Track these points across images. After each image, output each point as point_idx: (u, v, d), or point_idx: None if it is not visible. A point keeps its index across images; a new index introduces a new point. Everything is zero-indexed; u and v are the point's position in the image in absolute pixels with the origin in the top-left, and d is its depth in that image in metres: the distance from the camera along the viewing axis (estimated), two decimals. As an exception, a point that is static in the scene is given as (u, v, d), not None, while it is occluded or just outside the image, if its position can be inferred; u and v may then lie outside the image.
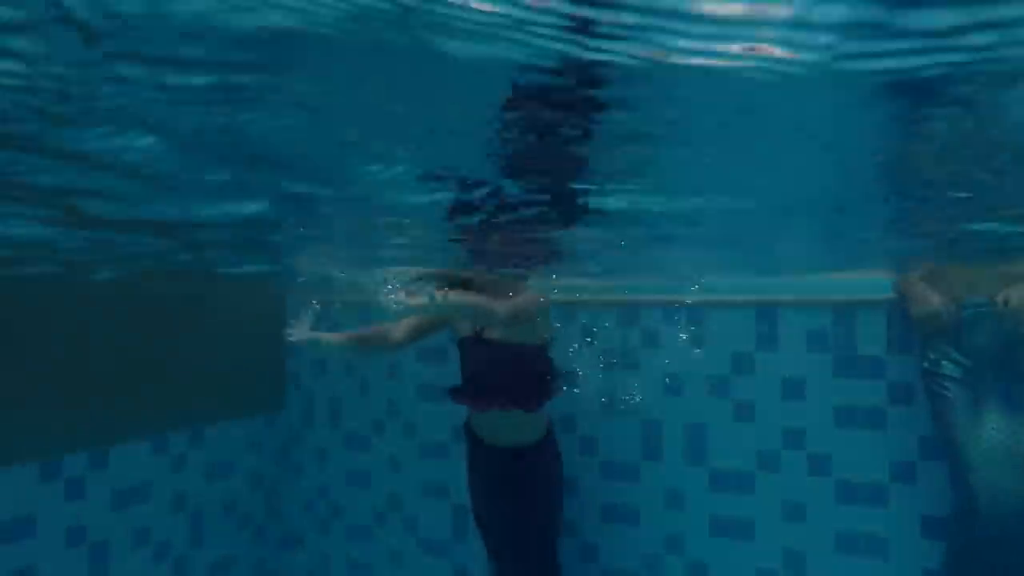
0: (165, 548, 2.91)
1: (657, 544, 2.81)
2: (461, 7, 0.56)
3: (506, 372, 2.48)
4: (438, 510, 3.20)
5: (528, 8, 0.56)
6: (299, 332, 2.60)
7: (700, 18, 0.57)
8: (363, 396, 3.36)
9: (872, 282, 2.55)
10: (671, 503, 2.79)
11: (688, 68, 0.67)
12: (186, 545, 3.00)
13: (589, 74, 0.72)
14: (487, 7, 0.56)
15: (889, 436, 2.49)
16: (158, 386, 2.90)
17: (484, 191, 1.25)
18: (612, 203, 1.34)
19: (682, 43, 0.62)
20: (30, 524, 2.42)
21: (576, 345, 2.94)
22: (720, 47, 0.62)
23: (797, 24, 0.58)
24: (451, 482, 3.17)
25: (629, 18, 0.58)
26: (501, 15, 0.57)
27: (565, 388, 2.74)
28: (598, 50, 0.64)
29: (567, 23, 0.59)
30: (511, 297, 2.43)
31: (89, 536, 2.62)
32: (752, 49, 0.63)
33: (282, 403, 3.54)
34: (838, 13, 0.56)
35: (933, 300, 2.23)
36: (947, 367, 2.25)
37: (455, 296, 2.22)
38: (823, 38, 0.61)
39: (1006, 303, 2.04)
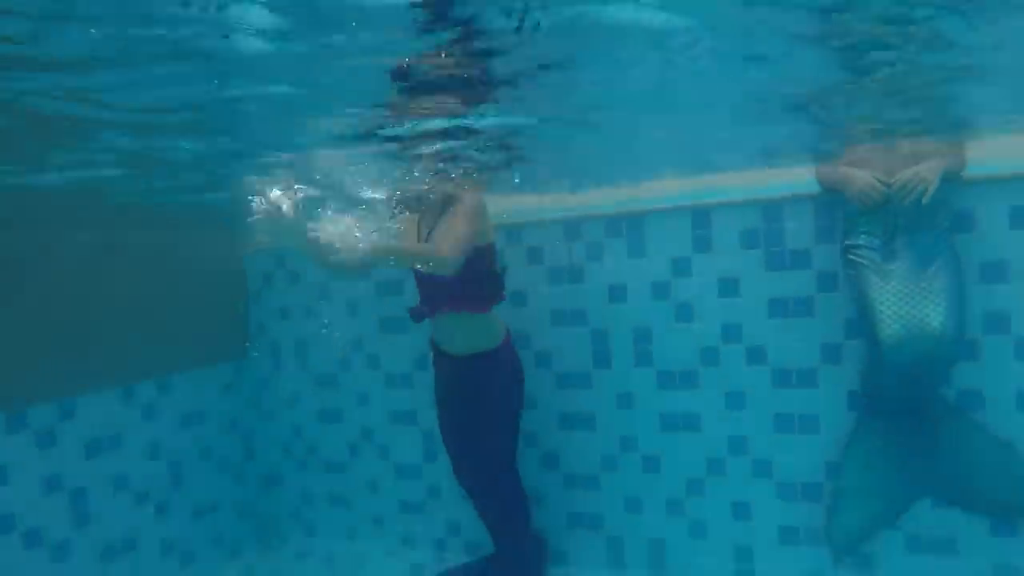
0: (145, 494, 3.03)
1: (613, 445, 2.99)
2: None
3: (442, 279, 2.53)
4: (408, 436, 3.35)
5: None
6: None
7: None
8: (328, 336, 3.46)
9: (796, 183, 2.66)
10: (623, 405, 2.96)
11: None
12: (167, 490, 3.13)
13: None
14: None
15: (817, 322, 2.65)
16: (123, 336, 2.96)
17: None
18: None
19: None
20: (2, 472, 2.52)
21: (524, 264, 3.04)
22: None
23: None
24: (418, 409, 3.31)
25: None
26: None
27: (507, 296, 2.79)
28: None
29: None
30: (451, 221, 2.49)
31: (66, 484, 2.73)
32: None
33: (250, 350, 3.63)
34: None
35: (865, 177, 2.38)
36: (864, 238, 2.43)
37: (389, 245, 2.32)
38: None
39: (915, 177, 2.27)
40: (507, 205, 3.02)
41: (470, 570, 3.00)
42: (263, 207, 2.33)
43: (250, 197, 2.36)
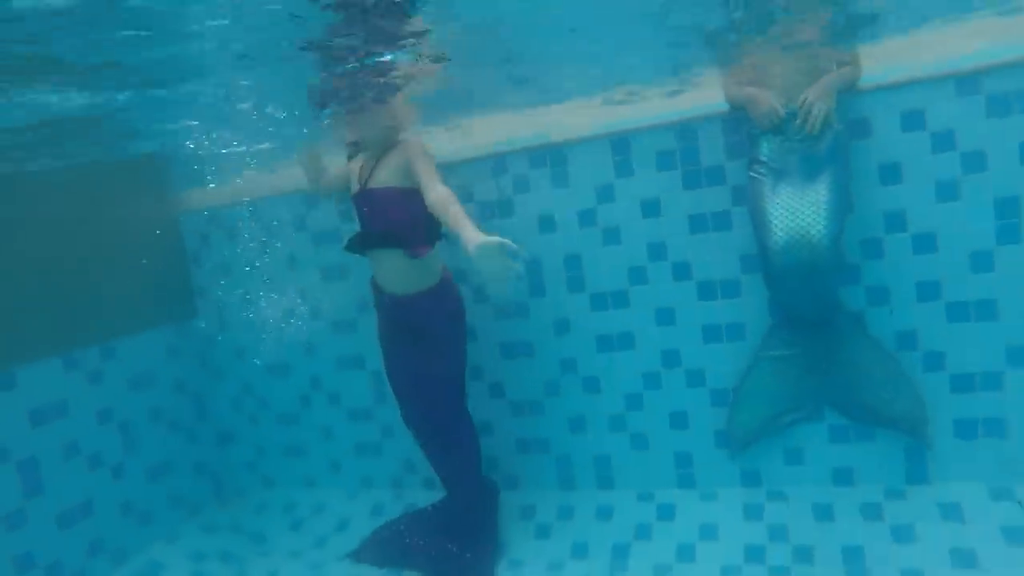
0: (98, 458, 3.08)
1: (554, 370, 3.15)
2: None
3: (394, 217, 2.67)
4: (357, 381, 3.47)
5: None
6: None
7: None
8: (271, 291, 3.52)
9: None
10: (560, 331, 3.11)
11: None
12: (120, 453, 3.18)
13: None
14: None
15: (735, 234, 2.83)
16: (60, 304, 2.97)
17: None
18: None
19: None
20: None
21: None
22: None
23: None
24: (365, 352, 3.41)
25: None
26: None
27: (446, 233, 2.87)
28: None
29: None
30: (416, 164, 2.59)
31: (13, 455, 2.76)
32: None
33: (193, 311, 3.68)
34: None
35: (768, 98, 2.54)
36: (764, 154, 2.60)
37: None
38: None
39: (805, 101, 2.50)
40: (435, 148, 3.11)
41: (423, 517, 3.13)
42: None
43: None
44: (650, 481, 3.06)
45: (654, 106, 2.88)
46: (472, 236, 2.21)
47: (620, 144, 2.90)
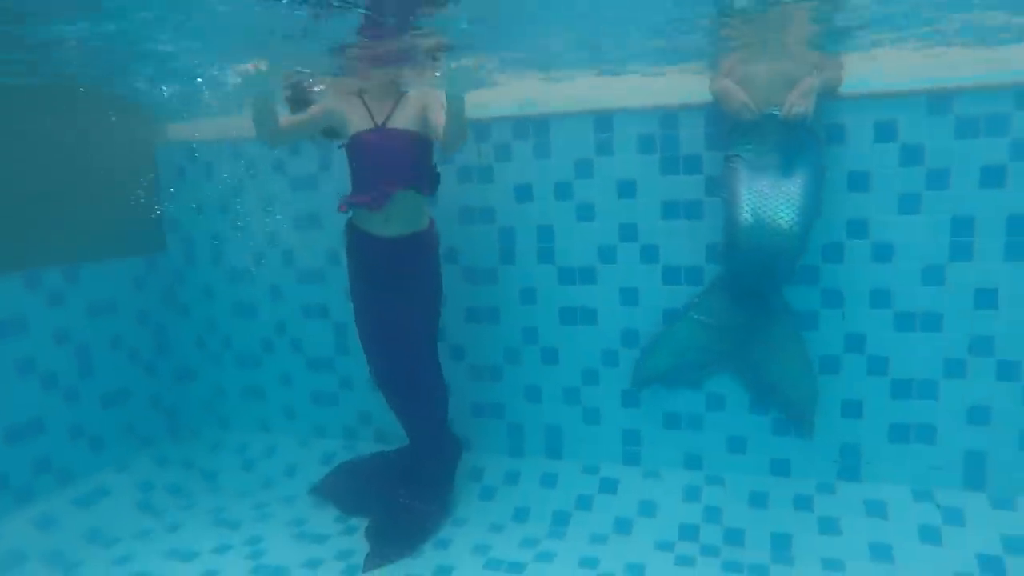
0: (53, 379, 3.10)
1: (515, 337, 3.25)
2: None
3: (406, 157, 2.75)
4: (321, 330, 3.54)
5: None
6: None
7: None
8: (241, 232, 3.56)
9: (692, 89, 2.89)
10: (526, 300, 3.21)
11: None
12: (75, 377, 3.21)
13: None
14: None
15: (705, 224, 2.93)
16: (27, 221, 2.98)
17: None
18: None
19: None
20: None
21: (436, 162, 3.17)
22: None
23: None
24: (330, 303, 3.48)
25: None
26: None
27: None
28: None
29: None
30: (435, 110, 2.70)
31: (-32, 364, 2.79)
32: None
33: (162, 245, 3.70)
34: None
35: (740, 95, 2.65)
36: (742, 149, 2.71)
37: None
38: None
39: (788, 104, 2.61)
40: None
41: (385, 462, 3.24)
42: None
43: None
44: (597, 455, 3.19)
45: (639, 84, 2.95)
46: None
47: (603, 122, 2.98)
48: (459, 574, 2.65)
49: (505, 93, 3.03)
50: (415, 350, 2.88)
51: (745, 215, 2.61)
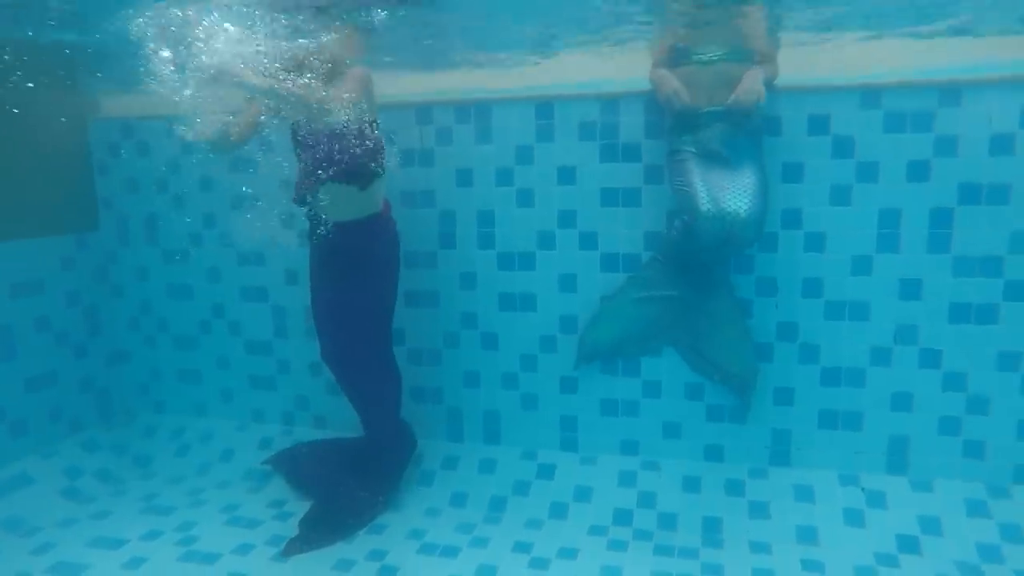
0: (-29, 360, 3.07)
1: (455, 322, 3.31)
2: None
3: (340, 148, 2.68)
4: (259, 313, 3.54)
5: None
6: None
7: None
8: (178, 211, 3.54)
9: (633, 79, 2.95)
10: (465, 285, 3.26)
11: None
12: (-3, 359, 3.19)
13: None
14: None
15: (643, 211, 3.02)
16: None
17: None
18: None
19: None
20: None
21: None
22: None
23: None
24: (269, 286, 3.48)
25: None
26: None
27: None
28: None
29: None
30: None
31: None
32: None
33: (94, 223, 3.64)
34: None
35: (673, 83, 2.72)
36: (687, 145, 2.79)
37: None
38: None
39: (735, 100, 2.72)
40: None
41: (339, 448, 3.27)
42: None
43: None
44: (535, 440, 3.26)
45: (578, 65, 3.02)
46: None
47: (544, 109, 3.03)
48: (393, 558, 2.70)
49: (447, 78, 3.07)
50: (363, 336, 2.91)
51: (706, 205, 2.68)
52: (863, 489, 2.92)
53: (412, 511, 3.05)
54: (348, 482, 3.05)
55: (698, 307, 3.00)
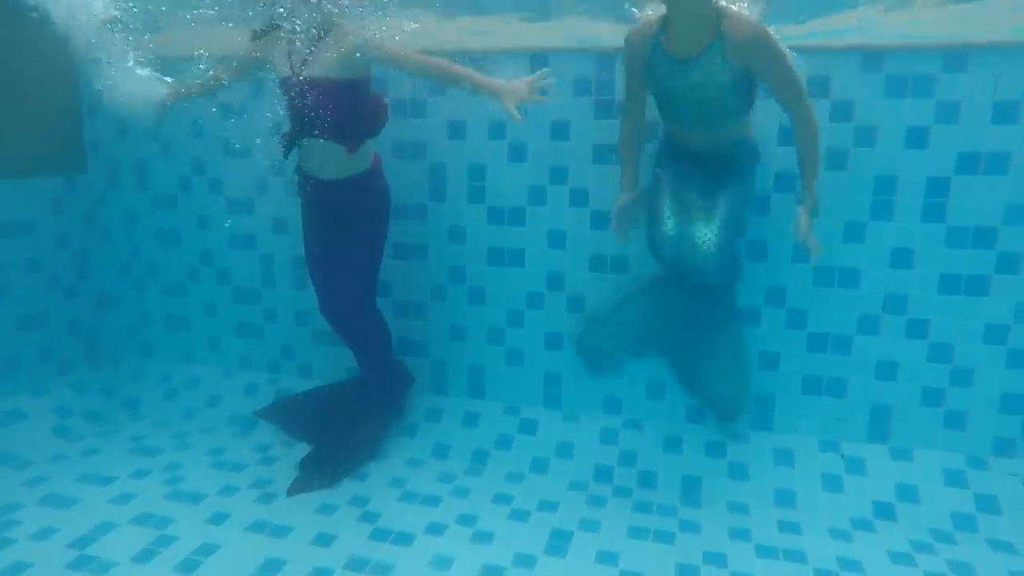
0: (-37, 298, 3.19)
1: (442, 276, 3.39)
2: None
3: (333, 111, 2.73)
4: (247, 261, 3.64)
5: None
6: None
7: None
8: (168, 156, 3.61)
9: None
10: (454, 238, 3.34)
11: None
12: (-12, 298, 3.30)
13: None
14: None
15: (635, 168, 3.08)
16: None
17: None
18: None
19: None
20: None
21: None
22: None
23: None
24: (258, 234, 3.58)
25: None
26: None
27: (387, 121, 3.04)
28: None
29: None
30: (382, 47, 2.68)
31: None
32: None
33: (83, 166, 3.72)
34: None
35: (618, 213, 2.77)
36: (666, 166, 2.81)
37: None
38: None
39: None
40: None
41: (334, 392, 3.42)
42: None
43: None
44: (518, 396, 3.38)
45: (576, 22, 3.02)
46: (503, 88, 2.62)
47: (539, 61, 3.05)
48: (375, 505, 2.84)
49: (440, 29, 3.09)
50: (355, 288, 3.05)
51: (665, 225, 2.72)
52: (843, 456, 3.03)
53: (394, 460, 3.19)
54: (341, 423, 3.20)
55: (698, 327, 3.01)
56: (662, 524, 2.75)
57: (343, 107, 2.77)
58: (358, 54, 2.70)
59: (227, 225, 3.35)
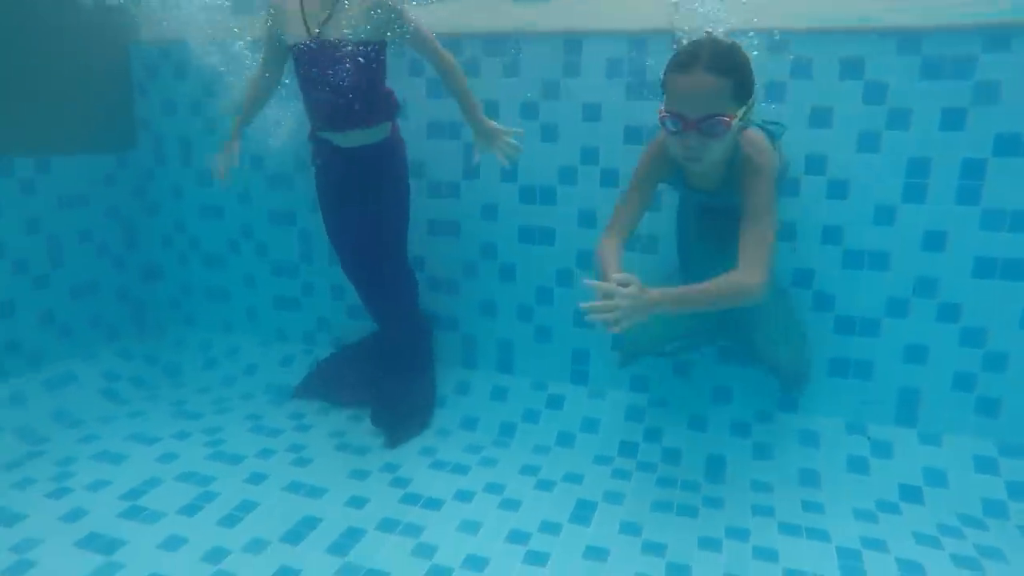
0: (23, 265, 3.44)
1: (474, 252, 3.55)
2: None
3: (353, 79, 2.79)
4: (286, 236, 3.86)
5: None
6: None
7: None
8: (212, 135, 3.83)
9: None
10: (487, 216, 3.49)
11: None
12: (45, 265, 3.54)
13: None
14: None
15: (666, 150, 3.18)
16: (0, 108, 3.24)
17: None
18: None
19: None
20: None
21: (406, 76, 3.42)
22: None
23: None
24: (297, 210, 3.79)
25: None
26: None
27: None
28: None
29: None
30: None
31: (-58, 244, 3.11)
32: None
33: (133, 142, 3.99)
34: None
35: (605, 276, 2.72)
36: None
37: None
38: None
39: None
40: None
41: (359, 349, 3.61)
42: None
43: None
44: (546, 372, 3.53)
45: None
46: (485, 126, 2.96)
47: (573, 44, 3.18)
48: (405, 471, 3.01)
49: (473, 8, 3.24)
50: (379, 253, 3.19)
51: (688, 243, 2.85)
52: (869, 438, 3.10)
53: (424, 431, 3.37)
54: (386, 379, 3.37)
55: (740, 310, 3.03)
56: (686, 499, 2.87)
57: (361, 75, 2.81)
58: (378, 10, 2.72)
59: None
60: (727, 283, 2.25)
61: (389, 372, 3.41)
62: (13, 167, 3.34)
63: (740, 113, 2.27)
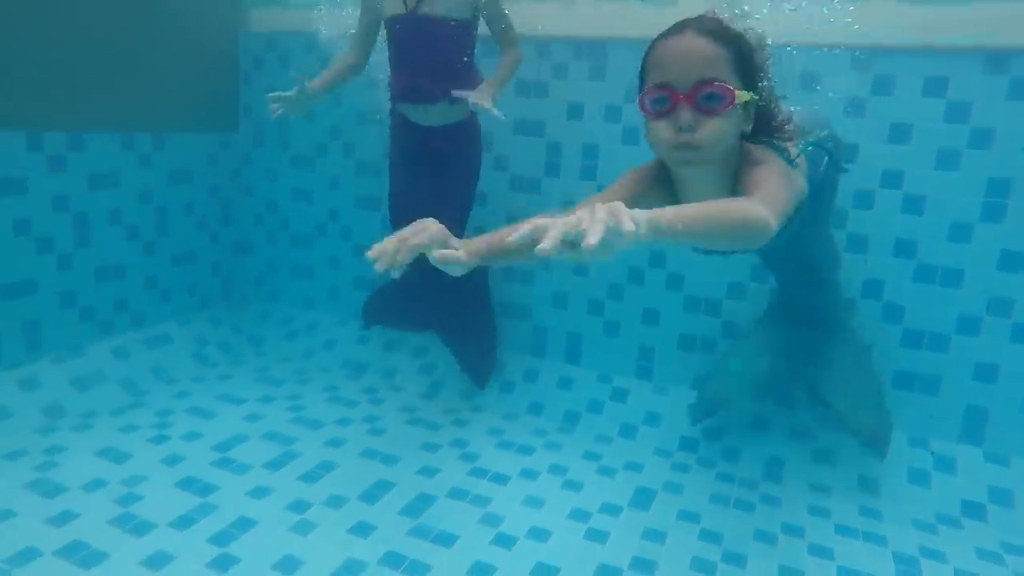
0: (135, 231, 3.80)
1: (550, 246, 3.74)
2: None
3: (445, 53, 3.02)
4: (370, 220, 4.16)
5: None
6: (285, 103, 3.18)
7: None
8: (309, 122, 4.14)
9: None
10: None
11: None
12: (153, 233, 3.90)
13: None
14: None
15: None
16: (125, 86, 3.61)
17: None
18: None
19: None
20: (21, 184, 3.21)
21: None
22: None
23: None
24: (382, 197, 4.00)
25: None
26: None
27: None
28: None
29: None
30: None
31: (72, 206, 3.45)
32: None
33: (236, 125, 4.36)
34: None
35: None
36: None
37: None
38: None
39: None
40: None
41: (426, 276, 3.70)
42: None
43: None
44: (612, 365, 3.71)
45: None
46: (490, 93, 2.97)
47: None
48: (474, 448, 3.23)
49: (562, 12, 3.48)
50: (447, 223, 3.33)
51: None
52: (932, 453, 3.18)
53: (491, 413, 3.60)
54: (456, 307, 3.58)
55: (814, 348, 3.10)
56: (743, 495, 3.01)
57: (453, 50, 3.01)
58: None
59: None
60: (734, 204, 1.56)
61: (452, 314, 3.60)
62: (133, 142, 3.71)
63: (746, 97, 1.80)
